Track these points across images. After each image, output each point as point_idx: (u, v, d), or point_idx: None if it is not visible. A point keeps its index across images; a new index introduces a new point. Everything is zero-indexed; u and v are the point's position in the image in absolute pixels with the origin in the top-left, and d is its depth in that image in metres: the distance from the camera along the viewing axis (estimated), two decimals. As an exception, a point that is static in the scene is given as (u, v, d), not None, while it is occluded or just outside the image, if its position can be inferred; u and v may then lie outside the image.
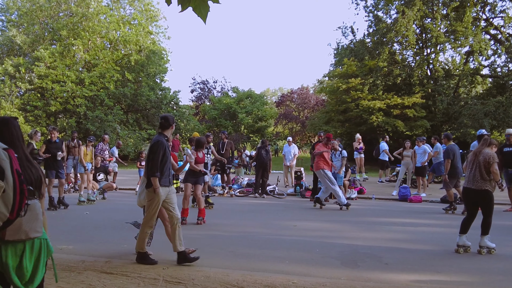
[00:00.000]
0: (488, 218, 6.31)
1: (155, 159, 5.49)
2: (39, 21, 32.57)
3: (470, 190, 6.39)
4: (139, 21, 33.59)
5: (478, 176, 6.31)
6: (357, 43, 30.11)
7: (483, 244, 6.30)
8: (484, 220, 6.34)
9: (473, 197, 6.40)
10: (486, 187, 6.30)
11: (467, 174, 6.52)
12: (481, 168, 6.31)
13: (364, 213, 10.61)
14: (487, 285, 5.02)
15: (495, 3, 26.39)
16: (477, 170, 6.34)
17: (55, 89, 29.06)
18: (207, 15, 3.04)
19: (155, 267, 5.38)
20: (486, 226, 6.29)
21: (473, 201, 6.45)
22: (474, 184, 6.32)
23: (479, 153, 6.48)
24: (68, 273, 5.05)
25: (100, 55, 31.36)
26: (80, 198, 11.60)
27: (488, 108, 23.05)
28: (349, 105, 26.52)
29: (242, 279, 4.92)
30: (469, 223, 6.42)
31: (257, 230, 8.24)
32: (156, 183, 5.41)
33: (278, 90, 66.31)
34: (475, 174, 6.34)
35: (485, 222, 6.31)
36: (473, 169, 6.39)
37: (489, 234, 6.31)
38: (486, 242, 6.29)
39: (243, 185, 14.80)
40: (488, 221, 6.30)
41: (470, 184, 6.38)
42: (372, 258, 6.07)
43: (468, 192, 6.43)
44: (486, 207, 6.36)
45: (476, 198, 6.38)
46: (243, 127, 36.28)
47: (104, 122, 29.21)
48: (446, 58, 28.62)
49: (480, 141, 6.92)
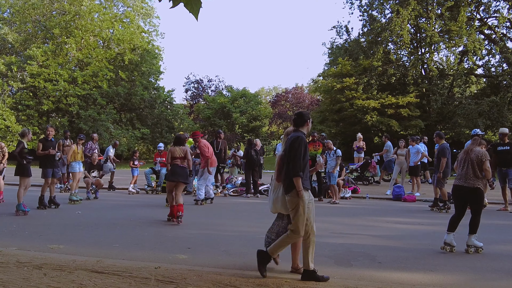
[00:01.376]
0: (477, 216, 6.31)
1: (297, 157, 4.86)
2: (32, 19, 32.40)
3: (461, 188, 6.37)
4: (132, 19, 33.46)
5: (470, 174, 6.30)
6: (351, 42, 30.16)
7: (470, 243, 6.27)
8: (472, 218, 6.33)
9: (465, 195, 6.37)
10: (478, 185, 6.30)
11: (459, 172, 6.51)
12: (473, 166, 6.30)
13: (358, 212, 10.59)
14: (481, 283, 4.99)
15: (489, 3, 26.54)
16: (470, 167, 6.33)
17: (48, 88, 28.88)
18: (199, 11, 2.97)
19: (147, 267, 5.30)
20: (474, 225, 6.27)
21: (463, 199, 6.43)
22: (467, 182, 6.30)
23: (470, 151, 6.48)
24: (58, 272, 4.97)
25: (93, 53, 31.22)
26: (73, 197, 11.48)
27: (482, 108, 23.14)
28: (343, 105, 26.57)
29: (235, 278, 4.86)
30: (458, 221, 6.39)
31: (251, 229, 8.19)
32: (300, 184, 4.79)
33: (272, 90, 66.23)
34: (467, 172, 6.33)
35: (474, 221, 6.29)
36: (465, 167, 6.38)
37: (478, 233, 6.31)
38: (473, 241, 6.26)
39: (236, 185, 14.74)
40: (477, 219, 6.29)
41: (462, 181, 6.36)
42: (366, 257, 6.04)
43: (460, 189, 6.40)
44: (476, 205, 6.36)
45: (468, 196, 6.35)
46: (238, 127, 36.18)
47: (97, 122, 29.08)
48: (440, 58, 28.70)
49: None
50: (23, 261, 5.44)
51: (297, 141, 4.91)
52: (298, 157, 4.85)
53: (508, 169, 10.42)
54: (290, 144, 4.94)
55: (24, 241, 6.86)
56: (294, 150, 4.88)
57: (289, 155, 4.92)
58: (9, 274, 4.84)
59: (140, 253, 6.19)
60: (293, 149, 4.89)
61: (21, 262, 5.38)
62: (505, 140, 10.64)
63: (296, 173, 4.80)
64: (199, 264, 5.56)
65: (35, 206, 10.14)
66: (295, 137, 4.95)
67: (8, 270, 5.00)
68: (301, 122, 5.16)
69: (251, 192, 13.57)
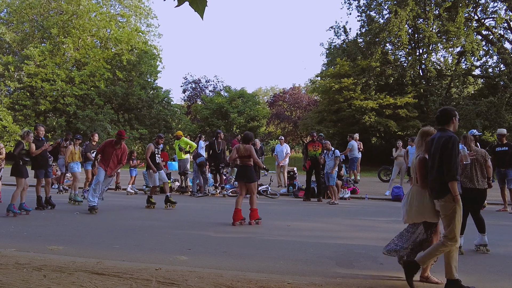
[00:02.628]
0: (480, 215, 6.41)
1: (453, 159, 4.52)
2: (29, 19, 32.30)
3: (472, 190, 6.32)
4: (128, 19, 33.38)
5: (479, 175, 6.35)
6: (349, 43, 30.18)
7: (484, 242, 6.30)
8: (477, 217, 6.37)
9: (475, 196, 6.36)
10: (486, 185, 6.43)
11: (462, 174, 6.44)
12: (481, 167, 6.38)
13: (357, 213, 10.58)
14: (483, 285, 4.97)
15: (486, 4, 26.61)
16: (477, 169, 6.37)
17: (45, 88, 28.78)
18: (205, 10, 2.93)
19: (148, 268, 5.26)
20: (482, 223, 6.33)
21: (473, 200, 6.38)
22: (478, 184, 6.33)
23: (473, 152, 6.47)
24: (58, 274, 4.92)
25: (90, 53, 31.12)
26: (77, 198, 11.40)
27: (480, 109, 23.21)
28: (341, 105, 26.56)
29: (236, 280, 4.82)
30: (464, 222, 6.39)
31: (251, 230, 8.16)
32: (456, 189, 4.50)
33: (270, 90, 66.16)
34: (476, 174, 6.34)
35: (480, 220, 6.35)
36: (472, 169, 6.38)
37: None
38: (486, 239, 6.32)
39: (235, 185, 14.66)
40: (481, 218, 6.37)
41: (471, 184, 6.33)
42: (367, 258, 6.02)
43: (471, 191, 6.32)
44: (480, 205, 6.48)
45: (477, 197, 6.38)
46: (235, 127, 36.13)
47: (95, 122, 28.98)
48: (438, 58, 28.71)
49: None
50: (22, 262, 5.38)
51: (450, 141, 4.57)
52: (454, 160, 4.54)
53: (507, 170, 10.44)
54: (442, 145, 4.61)
55: (23, 242, 6.80)
56: (448, 151, 4.56)
57: (442, 157, 4.60)
58: (8, 276, 4.78)
59: (140, 254, 6.15)
60: (447, 151, 4.57)
61: (20, 263, 5.33)
62: (503, 140, 10.65)
63: (452, 177, 4.51)
64: (199, 266, 5.53)
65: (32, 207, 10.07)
66: (447, 138, 4.61)
67: (7, 272, 4.94)
68: (446, 120, 4.83)
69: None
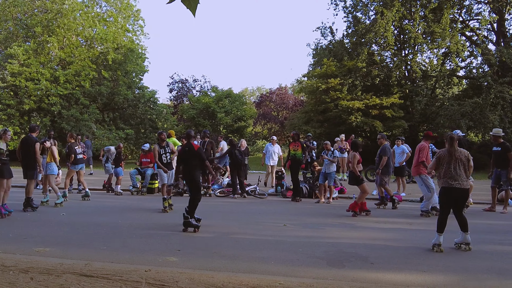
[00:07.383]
0: (463, 214, 6.55)
1: None
2: (12, 17, 31.71)
3: (456, 189, 6.39)
4: (115, 18, 33.03)
5: (463, 175, 6.39)
6: (336, 43, 30.28)
7: (466, 241, 6.39)
8: (460, 217, 6.47)
9: (458, 196, 6.43)
10: (468, 185, 6.53)
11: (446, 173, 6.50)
12: (465, 166, 6.41)
13: (346, 212, 10.59)
14: (473, 283, 5.01)
15: (471, 6, 26.93)
16: (461, 168, 6.41)
17: (29, 87, 28.26)
18: (197, 7, 2.89)
19: (137, 270, 5.18)
20: (465, 222, 6.42)
21: (455, 200, 6.46)
22: (461, 183, 6.38)
23: (454, 151, 6.50)
24: (46, 276, 4.83)
25: (75, 52, 30.70)
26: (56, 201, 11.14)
27: (465, 109, 23.46)
28: (328, 105, 26.64)
29: (228, 281, 4.79)
30: (446, 220, 6.47)
31: (241, 230, 8.12)
32: None
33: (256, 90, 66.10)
34: (460, 174, 6.38)
35: (463, 219, 6.46)
36: (456, 168, 6.41)
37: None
38: (468, 238, 6.41)
39: (223, 185, 14.63)
40: (464, 217, 6.49)
41: (456, 183, 6.38)
42: (358, 257, 6.03)
43: (454, 191, 6.40)
44: (462, 204, 6.62)
45: (460, 196, 6.43)
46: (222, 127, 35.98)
47: (80, 121, 28.61)
48: (423, 59, 28.91)
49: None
50: (8, 264, 5.27)
51: None
52: None
53: (502, 170, 10.45)
54: None
55: (9, 244, 6.66)
56: None
57: None
58: (-6, 279, 4.68)
59: (129, 255, 6.07)
60: None
61: (6, 266, 5.22)
62: (498, 140, 10.67)
63: None
64: (190, 267, 5.48)
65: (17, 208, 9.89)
66: None
67: (-7, 275, 4.84)
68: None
69: (238, 192, 13.48)
